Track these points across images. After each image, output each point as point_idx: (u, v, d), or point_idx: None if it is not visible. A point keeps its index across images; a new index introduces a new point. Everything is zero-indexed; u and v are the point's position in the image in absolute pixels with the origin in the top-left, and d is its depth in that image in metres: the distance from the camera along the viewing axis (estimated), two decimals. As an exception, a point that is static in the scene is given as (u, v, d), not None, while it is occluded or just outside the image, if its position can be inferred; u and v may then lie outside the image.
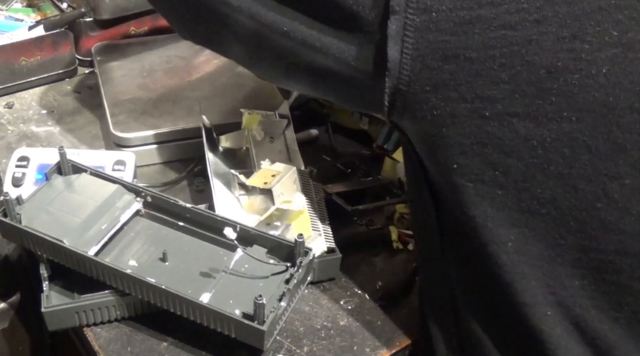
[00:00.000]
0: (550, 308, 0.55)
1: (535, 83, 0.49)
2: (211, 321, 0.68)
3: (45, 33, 1.07)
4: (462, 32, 0.49)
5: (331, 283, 0.81)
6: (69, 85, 1.12)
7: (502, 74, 0.49)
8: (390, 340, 0.75)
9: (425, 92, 0.52)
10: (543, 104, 0.49)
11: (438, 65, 0.50)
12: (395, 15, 0.50)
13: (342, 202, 0.87)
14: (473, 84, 0.50)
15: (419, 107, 0.53)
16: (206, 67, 1.11)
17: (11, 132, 1.01)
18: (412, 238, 0.87)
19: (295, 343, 0.73)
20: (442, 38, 0.50)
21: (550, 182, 0.51)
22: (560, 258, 0.54)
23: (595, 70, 0.48)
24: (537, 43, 0.48)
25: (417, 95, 0.52)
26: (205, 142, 0.87)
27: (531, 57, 0.49)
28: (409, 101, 0.53)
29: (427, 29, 0.50)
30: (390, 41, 0.51)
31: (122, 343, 0.72)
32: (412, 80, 0.52)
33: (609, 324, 0.54)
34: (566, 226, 0.52)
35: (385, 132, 0.99)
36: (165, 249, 0.75)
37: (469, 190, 0.54)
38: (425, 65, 0.51)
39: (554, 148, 0.50)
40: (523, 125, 0.50)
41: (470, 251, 0.57)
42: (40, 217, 0.75)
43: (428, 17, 0.49)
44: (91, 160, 0.86)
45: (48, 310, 0.71)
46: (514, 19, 0.48)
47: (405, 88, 0.52)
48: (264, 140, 0.91)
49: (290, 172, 0.84)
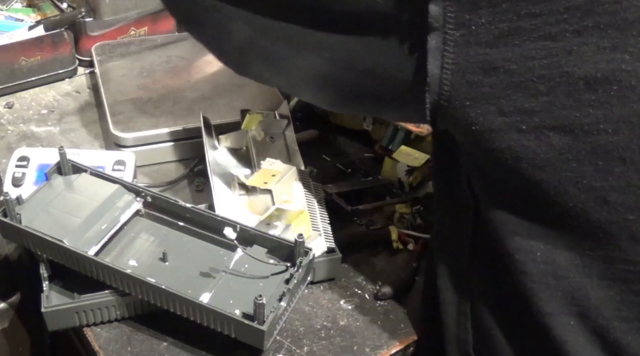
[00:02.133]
0: (574, 319, 0.55)
1: (574, 94, 0.48)
2: (211, 321, 0.68)
3: (45, 33, 1.07)
4: (501, 44, 0.49)
5: (331, 283, 0.81)
6: (69, 85, 1.12)
7: (541, 86, 0.49)
8: (390, 340, 0.75)
9: (465, 107, 0.51)
10: (580, 116, 0.49)
11: (478, 79, 0.50)
12: (434, 31, 0.50)
13: (342, 202, 0.87)
14: (512, 96, 0.49)
15: (460, 121, 0.53)
16: (206, 67, 1.11)
17: (11, 132, 1.01)
18: (412, 238, 0.87)
19: (295, 343, 0.73)
20: (481, 51, 0.49)
21: (582, 195, 0.51)
22: (587, 269, 0.53)
23: (635, 81, 0.47)
24: (577, 54, 0.47)
25: (457, 110, 0.52)
26: (205, 142, 0.87)
27: (571, 68, 0.48)
28: (449, 116, 0.53)
29: (467, 43, 0.49)
30: (430, 57, 0.51)
31: (122, 343, 0.72)
32: (452, 95, 0.51)
33: (632, 335, 0.54)
34: (595, 238, 0.52)
35: (390, 133, 0.99)
36: (165, 249, 0.75)
37: (501, 201, 0.55)
38: (465, 79, 0.50)
39: (588, 161, 0.50)
40: (559, 138, 0.49)
41: (497, 258, 0.57)
42: (40, 217, 0.75)
43: (467, 31, 0.49)
44: (91, 160, 0.86)
45: (48, 310, 0.71)
46: (554, 30, 0.47)
47: (445, 103, 0.52)
48: (264, 140, 0.91)
49: (290, 172, 0.84)
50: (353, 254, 0.85)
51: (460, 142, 0.56)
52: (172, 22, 1.20)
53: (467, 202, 0.60)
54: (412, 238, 0.87)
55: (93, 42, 1.13)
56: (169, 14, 1.17)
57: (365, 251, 0.86)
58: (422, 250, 0.86)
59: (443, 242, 0.67)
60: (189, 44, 1.17)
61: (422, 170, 0.94)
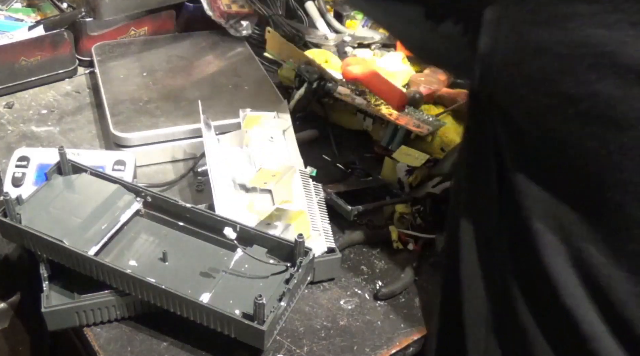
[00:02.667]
0: (596, 308, 0.54)
1: (623, 87, 0.48)
2: (211, 321, 0.68)
3: (45, 33, 1.07)
4: (556, 26, 0.48)
5: (331, 283, 0.81)
6: (69, 85, 1.12)
7: (590, 75, 0.48)
8: (390, 340, 0.75)
9: (513, 84, 0.52)
10: (628, 110, 0.48)
11: (528, 58, 0.50)
12: (492, 4, 0.50)
13: (342, 202, 0.87)
14: (559, 81, 0.49)
15: (506, 97, 0.53)
16: (206, 67, 1.11)
17: (11, 132, 1.01)
18: (412, 238, 0.87)
19: (295, 343, 0.73)
20: (535, 30, 0.49)
21: (619, 187, 0.50)
22: (616, 262, 0.53)
23: None
24: (631, 46, 0.47)
25: (504, 86, 0.52)
26: (205, 142, 0.87)
27: (622, 59, 0.47)
28: (496, 90, 0.53)
29: (523, 20, 0.49)
30: (483, 29, 0.51)
31: (122, 343, 0.72)
32: (500, 70, 0.52)
33: None
34: (629, 233, 0.52)
35: (389, 133, 0.99)
36: (165, 249, 0.75)
37: (534, 192, 0.54)
38: (515, 56, 0.51)
39: (629, 155, 0.49)
40: (604, 129, 0.49)
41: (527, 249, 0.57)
42: (40, 217, 0.75)
43: (524, 8, 0.49)
44: (91, 160, 0.86)
45: (48, 310, 0.71)
46: (611, 19, 0.47)
47: (494, 76, 0.52)
48: (264, 140, 0.91)
49: (290, 172, 0.84)
50: (353, 254, 0.85)
51: (500, 116, 0.56)
52: (172, 22, 1.20)
53: (494, 169, 0.59)
54: (412, 238, 0.87)
55: (93, 42, 1.13)
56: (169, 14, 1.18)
57: (365, 251, 0.86)
58: (422, 250, 0.86)
59: (470, 209, 0.66)
60: (189, 44, 1.17)
61: (422, 170, 0.94)
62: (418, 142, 0.99)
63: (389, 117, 0.99)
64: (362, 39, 1.21)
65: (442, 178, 0.92)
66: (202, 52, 1.14)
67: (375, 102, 1.02)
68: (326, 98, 1.05)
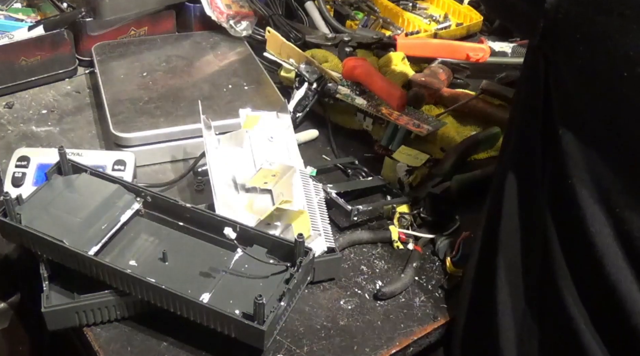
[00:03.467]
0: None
1: None
2: (211, 321, 0.68)
3: (45, 33, 1.07)
4: None
5: (331, 283, 0.81)
6: (69, 85, 1.12)
7: None
8: (390, 340, 0.75)
9: (573, 41, 0.52)
10: None
11: (591, 16, 0.50)
12: None
13: (342, 202, 0.87)
14: (620, 41, 0.50)
15: (567, 52, 0.53)
16: (206, 67, 1.11)
17: (11, 132, 1.01)
18: (412, 238, 0.87)
19: (295, 343, 0.73)
20: None
21: None
22: None
23: None
24: None
25: (564, 43, 0.53)
26: (205, 142, 0.87)
27: None
28: (558, 44, 0.54)
29: None
30: None
31: (122, 343, 0.72)
32: (563, 26, 0.52)
33: None
34: None
35: (389, 132, 0.99)
36: (165, 249, 0.75)
37: (581, 155, 0.54)
38: (579, 13, 0.51)
39: None
40: None
41: (570, 217, 0.57)
42: (40, 217, 0.75)
43: None
44: (91, 160, 0.86)
45: (48, 310, 0.71)
46: None
47: (557, 32, 0.53)
48: (264, 140, 0.91)
49: (290, 172, 0.84)
50: (353, 254, 0.85)
51: (554, 75, 0.57)
52: (172, 22, 1.20)
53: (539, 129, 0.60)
54: (412, 238, 0.87)
55: (93, 42, 1.13)
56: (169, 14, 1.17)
57: (365, 251, 0.86)
58: (422, 250, 0.86)
59: (516, 169, 0.65)
60: (189, 44, 1.17)
61: (422, 170, 0.94)
62: (418, 142, 0.99)
63: (389, 117, 0.99)
64: (362, 38, 1.21)
65: (442, 178, 0.92)
66: (202, 52, 1.14)
67: (376, 102, 1.02)
68: (326, 98, 1.05)
